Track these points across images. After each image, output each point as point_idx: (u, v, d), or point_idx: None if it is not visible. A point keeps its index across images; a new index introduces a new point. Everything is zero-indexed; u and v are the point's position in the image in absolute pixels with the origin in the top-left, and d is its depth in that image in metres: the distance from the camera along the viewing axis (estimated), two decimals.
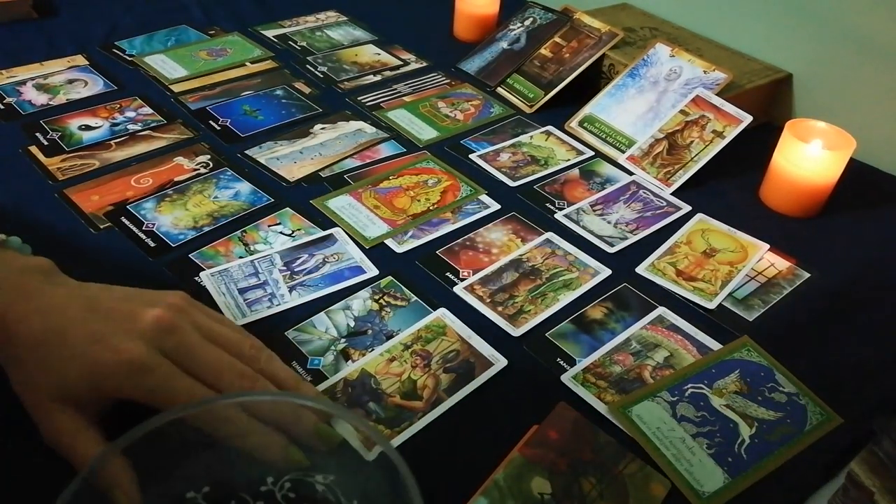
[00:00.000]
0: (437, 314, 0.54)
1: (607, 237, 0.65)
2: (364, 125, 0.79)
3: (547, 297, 0.57)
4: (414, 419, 0.46)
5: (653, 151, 0.76)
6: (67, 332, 0.39)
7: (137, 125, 0.75)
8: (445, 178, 0.71)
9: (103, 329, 0.39)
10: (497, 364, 0.51)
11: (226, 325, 0.45)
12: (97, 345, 0.38)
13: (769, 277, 0.62)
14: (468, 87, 0.88)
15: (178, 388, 0.38)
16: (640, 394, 0.49)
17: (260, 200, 0.65)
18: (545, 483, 0.43)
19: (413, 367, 0.50)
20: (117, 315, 0.40)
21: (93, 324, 0.39)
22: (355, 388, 0.48)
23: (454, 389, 0.49)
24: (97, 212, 0.62)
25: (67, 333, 0.39)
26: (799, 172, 0.68)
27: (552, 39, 0.90)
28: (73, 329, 0.39)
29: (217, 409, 0.37)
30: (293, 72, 0.89)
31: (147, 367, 0.38)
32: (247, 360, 0.42)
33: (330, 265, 0.58)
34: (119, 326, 0.39)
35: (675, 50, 0.82)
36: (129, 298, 0.42)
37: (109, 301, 0.41)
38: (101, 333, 0.39)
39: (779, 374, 0.52)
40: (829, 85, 0.82)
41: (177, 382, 0.39)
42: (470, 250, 0.62)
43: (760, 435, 0.47)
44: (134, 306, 0.41)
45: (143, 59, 0.87)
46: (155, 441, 0.34)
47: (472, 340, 0.52)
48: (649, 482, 0.44)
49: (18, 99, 0.77)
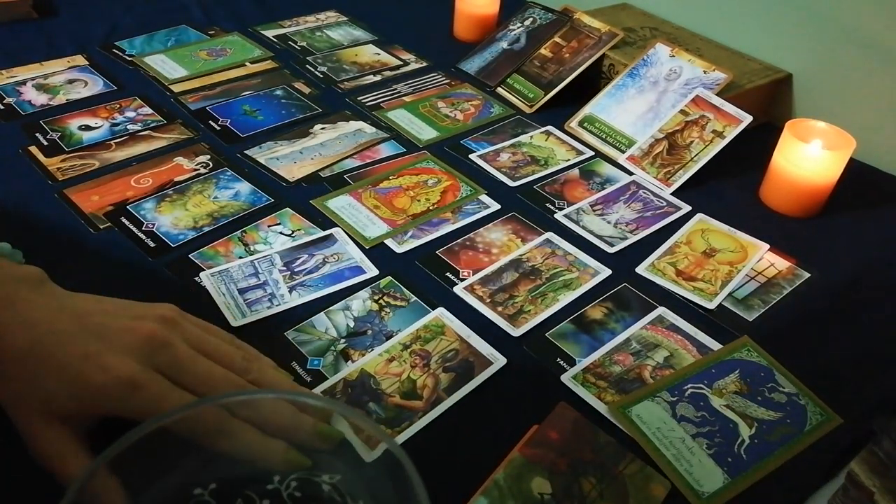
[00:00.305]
0: (435, 314, 0.54)
1: (607, 237, 0.65)
2: (364, 125, 0.79)
3: (547, 297, 0.57)
4: (414, 419, 0.46)
5: (653, 151, 0.76)
6: (55, 347, 0.38)
7: (137, 125, 0.75)
8: (445, 178, 0.71)
9: (93, 346, 0.38)
10: (496, 363, 0.51)
11: (217, 336, 0.44)
12: (86, 362, 0.37)
13: (769, 277, 0.62)
14: (468, 87, 0.88)
15: (170, 401, 0.38)
16: (640, 394, 0.49)
17: (260, 200, 0.65)
18: (545, 483, 0.43)
19: (412, 366, 0.50)
20: (107, 331, 0.39)
21: (82, 340, 0.38)
22: (355, 388, 0.48)
23: (454, 389, 0.49)
24: (97, 212, 0.62)
25: (55, 348, 0.38)
26: (799, 172, 0.68)
27: (552, 39, 0.90)
28: (61, 344, 0.38)
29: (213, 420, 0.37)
30: (293, 72, 0.89)
31: (138, 384, 0.37)
32: (238, 371, 0.42)
33: (330, 265, 0.58)
34: (109, 343, 0.38)
35: (675, 50, 0.82)
36: (118, 312, 0.41)
37: (99, 315, 0.40)
38: (91, 351, 0.38)
39: (779, 374, 0.52)
40: (829, 85, 0.82)
41: (169, 396, 0.38)
42: (470, 250, 0.62)
43: (760, 435, 0.47)
44: (124, 321, 0.40)
45: (143, 59, 0.87)
46: (161, 437, 0.34)
47: (471, 340, 0.52)
48: (649, 482, 0.44)
49: (18, 99, 0.77)
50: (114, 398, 0.37)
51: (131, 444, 0.33)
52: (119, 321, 0.40)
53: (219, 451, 0.37)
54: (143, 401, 0.37)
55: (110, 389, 0.37)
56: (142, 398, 0.37)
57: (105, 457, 0.32)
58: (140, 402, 0.37)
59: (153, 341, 0.39)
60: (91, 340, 0.38)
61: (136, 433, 0.33)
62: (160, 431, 0.34)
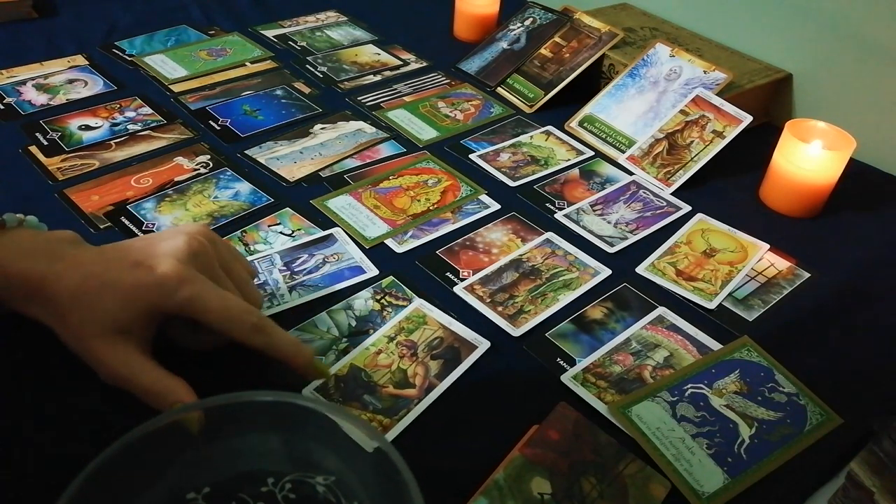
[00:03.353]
0: (414, 305, 0.55)
1: (607, 237, 0.65)
2: (364, 125, 0.79)
3: (547, 297, 0.57)
4: (411, 406, 0.47)
5: (653, 151, 0.76)
6: (105, 272, 0.42)
7: (137, 125, 0.75)
8: (445, 178, 0.71)
9: (140, 257, 0.42)
10: (481, 346, 0.52)
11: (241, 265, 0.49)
12: (136, 269, 0.41)
13: (769, 277, 0.62)
14: (468, 87, 0.89)
15: (212, 297, 0.42)
16: (640, 394, 0.49)
17: (260, 200, 0.65)
18: (545, 483, 0.43)
19: (401, 356, 0.51)
20: (151, 247, 0.43)
21: (129, 256, 0.42)
22: (347, 382, 0.48)
23: (444, 374, 0.50)
24: (97, 212, 0.62)
25: (105, 272, 0.42)
26: (799, 172, 0.68)
27: (552, 39, 0.90)
28: (110, 268, 0.42)
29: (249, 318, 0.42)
30: (293, 72, 0.89)
31: (184, 278, 0.41)
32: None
33: (330, 265, 0.58)
34: (154, 252, 0.42)
35: (675, 50, 0.82)
36: (155, 236, 0.45)
37: (139, 241, 0.45)
38: (139, 259, 0.42)
39: (779, 374, 0.52)
40: (829, 85, 0.82)
41: (211, 293, 0.42)
42: (470, 250, 0.62)
43: (760, 435, 0.47)
44: (163, 237, 0.44)
45: (143, 59, 0.87)
46: (154, 441, 0.34)
47: (454, 326, 0.53)
48: (649, 482, 0.44)
49: (18, 99, 0.77)
50: (163, 294, 0.41)
51: (123, 448, 0.33)
52: (160, 238, 0.44)
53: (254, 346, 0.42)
54: (188, 294, 0.41)
55: (159, 285, 0.41)
56: (187, 291, 0.41)
57: (96, 463, 0.32)
58: (186, 294, 0.41)
59: (193, 247, 0.43)
60: (138, 255, 0.43)
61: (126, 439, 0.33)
62: (152, 435, 0.34)
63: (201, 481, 0.36)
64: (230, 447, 0.37)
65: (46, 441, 0.43)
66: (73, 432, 0.43)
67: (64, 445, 0.42)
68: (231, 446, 0.37)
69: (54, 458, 0.42)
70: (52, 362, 0.45)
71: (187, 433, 0.36)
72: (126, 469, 0.33)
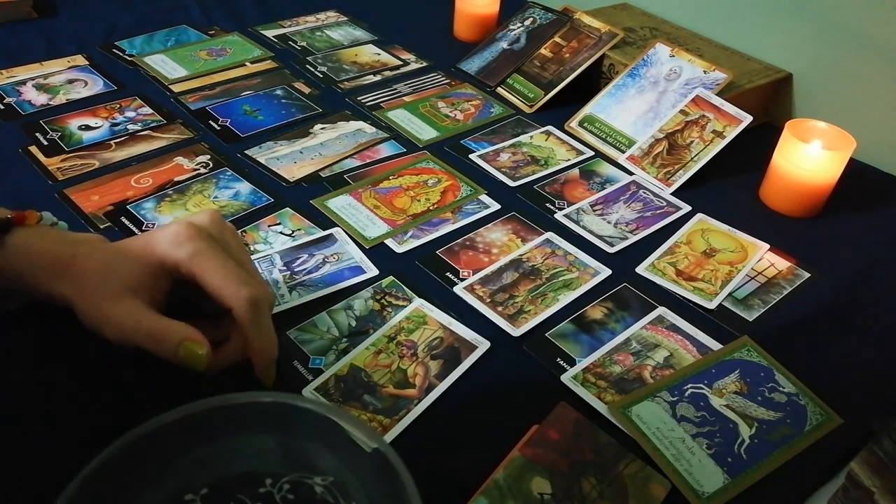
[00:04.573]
0: (414, 305, 0.55)
1: (607, 237, 0.65)
2: (364, 125, 0.79)
3: (547, 297, 0.57)
4: (411, 406, 0.47)
5: (653, 151, 0.76)
6: (124, 244, 0.46)
7: (137, 125, 0.75)
8: (445, 178, 0.71)
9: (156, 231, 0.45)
10: (481, 346, 0.52)
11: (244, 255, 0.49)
12: (151, 235, 0.45)
13: (769, 277, 0.62)
14: (468, 87, 0.88)
15: (217, 256, 0.43)
16: (640, 394, 0.49)
17: (260, 200, 0.65)
18: (545, 483, 0.43)
19: (401, 356, 0.51)
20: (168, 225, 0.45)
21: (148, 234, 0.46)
22: (347, 382, 0.48)
23: (444, 374, 0.50)
24: (97, 212, 0.62)
25: (124, 244, 0.46)
26: (799, 172, 0.68)
27: (552, 39, 0.90)
28: (128, 241, 0.46)
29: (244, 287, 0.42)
30: (293, 72, 0.89)
31: (192, 235, 0.44)
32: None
33: (330, 265, 0.58)
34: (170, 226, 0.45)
35: (675, 50, 0.82)
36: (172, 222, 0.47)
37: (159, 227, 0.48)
38: (154, 233, 0.45)
39: (779, 374, 0.52)
40: (829, 85, 0.82)
41: (216, 254, 0.43)
42: (470, 250, 0.62)
43: (760, 435, 0.47)
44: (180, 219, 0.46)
45: (143, 59, 0.87)
46: (153, 442, 0.34)
47: (453, 326, 0.53)
48: (649, 482, 0.44)
49: (18, 99, 0.77)
50: (171, 245, 0.43)
51: (119, 450, 0.33)
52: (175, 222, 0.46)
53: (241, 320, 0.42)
54: (193, 248, 0.43)
55: (167, 240, 0.43)
56: (192, 246, 0.43)
57: (95, 464, 0.32)
58: (191, 249, 0.43)
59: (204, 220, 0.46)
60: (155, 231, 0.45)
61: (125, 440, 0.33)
62: (151, 435, 0.34)
63: (199, 482, 0.36)
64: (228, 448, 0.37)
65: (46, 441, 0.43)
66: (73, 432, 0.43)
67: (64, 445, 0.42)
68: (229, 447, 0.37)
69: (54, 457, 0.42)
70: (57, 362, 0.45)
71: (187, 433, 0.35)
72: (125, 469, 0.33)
